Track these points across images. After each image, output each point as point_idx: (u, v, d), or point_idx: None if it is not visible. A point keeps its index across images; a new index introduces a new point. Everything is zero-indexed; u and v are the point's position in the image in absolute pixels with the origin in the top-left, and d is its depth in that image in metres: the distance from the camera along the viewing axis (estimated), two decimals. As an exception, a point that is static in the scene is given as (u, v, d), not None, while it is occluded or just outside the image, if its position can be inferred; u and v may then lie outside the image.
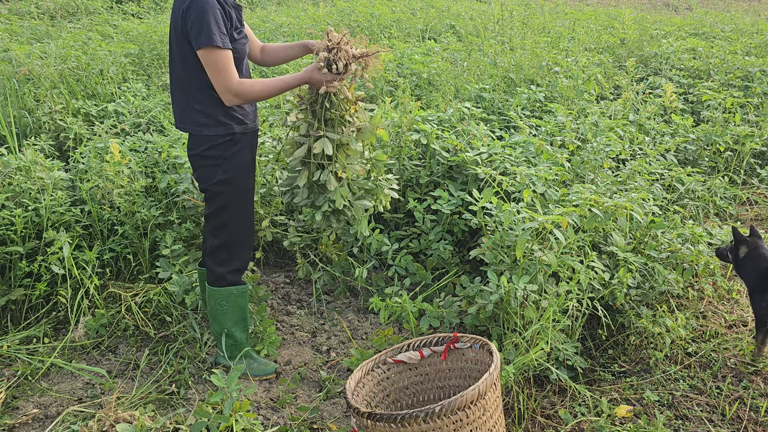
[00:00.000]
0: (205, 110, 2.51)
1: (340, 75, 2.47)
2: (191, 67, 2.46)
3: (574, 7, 11.68)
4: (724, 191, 4.48)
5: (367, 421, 2.08)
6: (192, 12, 2.36)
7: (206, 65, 2.40)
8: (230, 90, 2.42)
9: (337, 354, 3.11)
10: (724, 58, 6.56)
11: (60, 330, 3.19)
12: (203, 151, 2.55)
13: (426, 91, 5.38)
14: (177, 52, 2.49)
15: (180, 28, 2.42)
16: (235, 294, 2.74)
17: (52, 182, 3.34)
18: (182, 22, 2.40)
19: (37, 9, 9.70)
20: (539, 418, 2.61)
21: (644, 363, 2.94)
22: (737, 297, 3.47)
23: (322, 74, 2.47)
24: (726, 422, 2.59)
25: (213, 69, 2.40)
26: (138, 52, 6.55)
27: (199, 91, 2.49)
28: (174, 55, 2.52)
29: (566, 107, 4.77)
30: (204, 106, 2.50)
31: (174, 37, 2.49)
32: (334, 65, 2.45)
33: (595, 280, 2.83)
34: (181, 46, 2.46)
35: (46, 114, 4.74)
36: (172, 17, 2.49)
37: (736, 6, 13.62)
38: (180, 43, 2.46)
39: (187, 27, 2.39)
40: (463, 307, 2.97)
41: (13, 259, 3.20)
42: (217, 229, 2.67)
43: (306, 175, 2.67)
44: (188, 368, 2.90)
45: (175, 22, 2.45)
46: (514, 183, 3.20)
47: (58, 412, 2.63)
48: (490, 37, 7.65)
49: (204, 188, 2.62)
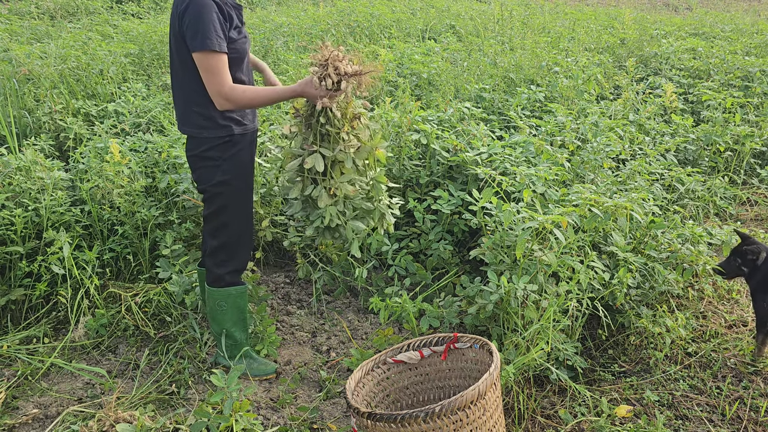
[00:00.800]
0: (204, 112, 2.50)
1: (332, 91, 2.37)
2: (190, 69, 2.46)
3: (574, 7, 11.68)
4: (724, 191, 4.48)
5: (367, 421, 2.08)
6: (189, 14, 2.36)
7: (200, 68, 2.40)
8: (221, 94, 2.41)
9: (337, 354, 3.11)
10: (724, 58, 6.56)
11: (60, 330, 3.19)
12: (202, 152, 2.55)
13: (426, 91, 5.38)
14: (176, 54, 2.49)
15: (177, 29, 2.42)
16: (234, 294, 2.73)
17: (52, 182, 3.34)
18: (179, 23, 2.40)
19: (37, 9, 9.70)
20: (539, 418, 2.61)
21: (644, 363, 2.94)
22: (737, 297, 3.47)
23: (316, 89, 2.39)
24: (726, 422, 2.59)
25: (207, 72, 2.39)
26: (138, 52, 6.56)
27: (197, 93, 2.49)
28: (174, 56, 2.52)
29: (566, 107, 4.77)
30: (203, 108, 2.50)
31: (173, 39, 2.49)
32: (323, 81, 2.36)
33: (595, 280, 2.83)
34: (179, 48, 2.46)
35: (46, 114, 4.74)
36: (171, 19, 2.49)
37: (736, 6, 13.62)
38: (179, 45, 2.46)
39: (183, 28, 2.39)
40: (463, 307, 2.97)
41: (13, 259, 3.20)
42: (217, 230, 2.66)
43: (299, 188, 2.60)
44: (188, 368, 2.90)
45: (174, 24, 2.45)
46: (514, 183, 3.20)
47: (58, 412, 2.63)
48: (490, 37, 7.65)
49: (203, 189, 2.61)
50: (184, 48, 2.43)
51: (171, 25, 2.49)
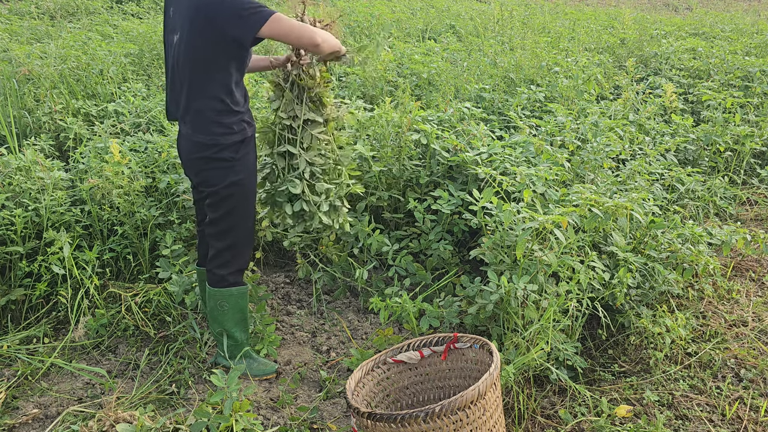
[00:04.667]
0: (223, 120, 2.47)
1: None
2: (214, 73, 2.40)
3: (574, 7, 11.68)
4: (724, 191, 4.48)
5: (367, 421, 2.08)
6: (233, 6, 2.27)
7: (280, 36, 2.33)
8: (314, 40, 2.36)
9: (337, 354, 3.11)
10: (724, 58, 6.56)
11: (60, 330, 3.19)
12: (214, 154, 2.50)
13: (426, 91, 5.38)
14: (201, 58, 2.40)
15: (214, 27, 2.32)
16: (236, 295, 2.73)
17: (52, 182, 3.34)
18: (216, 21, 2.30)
19: (37, 9, 9.70)
20: (539, 418, 2.61)
21: (644, 363, 2.94)
22: (737, 297, 3.47)
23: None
24: (726, 422, 2.59)
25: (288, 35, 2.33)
26: (138, 52, 6.55)
27: (216, 100, 2.44)
28: (190, 63, 2.43)
29: (566, 107, 4.77)
30: (220, 116, 2.47)
31: (195, 40, 2.38)
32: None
33: (595, 280, 2.83)
34: (206, 48, 2.37)
35: (46, 114, 4.74)
36: (189, 21, 2.38)
37: (736, 6, 13.62)
38: (205, 45, 2.36)
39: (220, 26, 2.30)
40: (463, 307, 2.97)
41: (13, 259, 3.20)
42: (224, 233, 2.64)
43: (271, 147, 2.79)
44: (188, 368, 2.90)
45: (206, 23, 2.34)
46: (514, 183, 3.20)
47: (58, 412, 2.63)
48: (490, 37, 7.65)
49: (213, 192, 2.56)
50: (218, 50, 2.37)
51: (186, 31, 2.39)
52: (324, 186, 2.81)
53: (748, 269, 3.80)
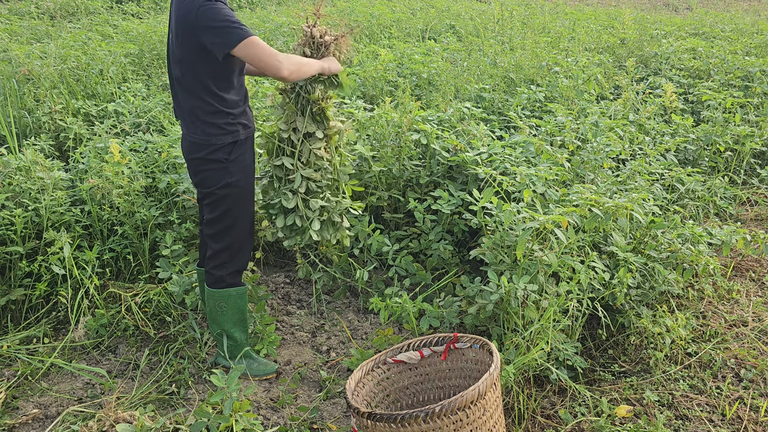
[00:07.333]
0: (215, 121, 2.49)
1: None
2: (200, 77, 2.43)
3: (574, 7, 11.69)
4: (724, 191, 4.48)
5: (367, 421, 2.08)
6: (205, 18, 2.31)
7: (248, 59, 2.36)
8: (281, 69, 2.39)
9: (337, 354, 3.11)
10: (724, 58, 6.56)
11: (60, 330, 3.19)
12: (207, 155, 2.52)
13: (426, 91, 5.38)
14: (186, 62, 2.43)
15: (192, 37, 2.35)
16: (234, 295, 2.73)
17: (52, 182, 3.34)
18: (193, 31, 2.34)
19: (37, 9, 9.70)
20: (539, 418, 2.61)
21: (644, 363, 2.94)
22: (737, 297, 3.47)
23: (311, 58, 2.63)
24: (726, 422, 2.59)
25: (256, 59, 2.35)
26: (138, 52, 6.55)
27: (205, 102, 2.47)
28: (178, 65, 2.46)
29: (566, 107, 4.77)
30: (212, 117, 2.48)
31: (180, 46, 2.42)
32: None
33: (595, 280, 2.83)
34: (190, 54, 2.40)
35: (46, 114, 4.74)
36: (174, 27, 2.43)
37: (736, 6, 13.62)
38: (190, 52, 2.40)
39: (200, 37, 2.33)
40: (463, 307, 2.97)
41: (13, 259, 3.20)
42: (221, 234, 2.65)
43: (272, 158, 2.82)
44: (188, 368, 2.90)
45: (185, 32, 2.38)
46: (514, 183, 3.20)
47: (58, 412, 2.63)
48: (490, 37, 7.65)
49: (209, 192, 2.58)
50: (199, 54, 2.39)
51: (177, 34, 2.42)
52: (318, 203, 2.82)
53: (748, 269, 3.80)
